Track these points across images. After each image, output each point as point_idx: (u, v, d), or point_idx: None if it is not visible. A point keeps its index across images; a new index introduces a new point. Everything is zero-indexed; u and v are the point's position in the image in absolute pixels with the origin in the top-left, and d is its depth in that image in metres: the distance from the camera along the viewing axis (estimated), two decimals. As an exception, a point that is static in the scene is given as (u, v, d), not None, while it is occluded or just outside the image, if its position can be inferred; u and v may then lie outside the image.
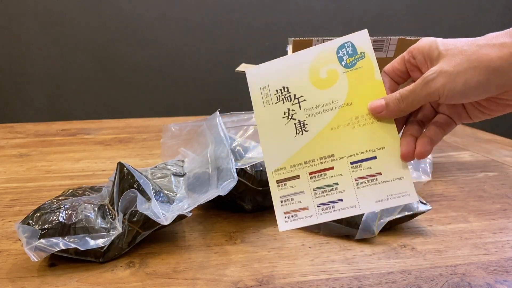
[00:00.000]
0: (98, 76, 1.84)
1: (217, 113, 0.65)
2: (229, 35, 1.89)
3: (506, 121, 2.15)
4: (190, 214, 0.52)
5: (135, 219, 0.51)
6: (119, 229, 0.51)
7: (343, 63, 0.47)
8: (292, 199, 0.46)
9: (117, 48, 1.82)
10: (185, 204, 0.56)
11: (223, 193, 0.53)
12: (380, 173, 0.44)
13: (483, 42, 0.41)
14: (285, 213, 0.46)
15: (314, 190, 0.45)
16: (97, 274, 0.48)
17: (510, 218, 0.63)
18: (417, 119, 0.47)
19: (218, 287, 0.46)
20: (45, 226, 0.49)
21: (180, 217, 0.52)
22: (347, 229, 0.57)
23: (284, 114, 0.48)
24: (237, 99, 1.89)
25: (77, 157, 0.91)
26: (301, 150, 0.47)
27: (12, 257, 0.52)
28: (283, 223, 0.46)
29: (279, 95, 0.48)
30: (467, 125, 1.23)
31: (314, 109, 0.47)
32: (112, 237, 0.50)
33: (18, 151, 0.96)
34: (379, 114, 0.45)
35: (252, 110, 0.52)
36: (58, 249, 0.48)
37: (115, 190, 0.53)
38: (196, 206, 0.54)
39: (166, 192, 0.58)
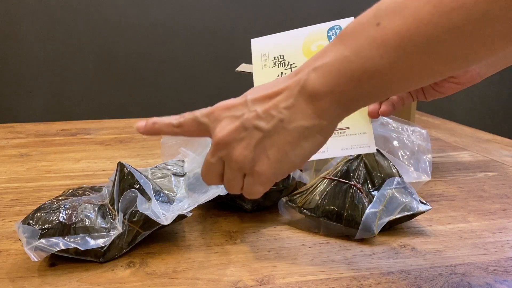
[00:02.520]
0: (98, 76, 1.84)
1: (217, 113, 0.65)
2: (229, 35, 1.89)
3: (506, 121, 2.15)
4: (190, 214, 0.52)
5: (135, 219, 0.51)
6: (119, 229, 0.51)
7: (331, 41, 0.56)
8: None
9: (117, 48, 1.83)
10: (185, 204, 0.56)
11: (223, 193, 0.53)
12: (348, 128, 0.53)
13: None
14: None
15: None
16: (97, 274, 0.48)
17: (510, 218, 0.63)
18: None
19: (218, 287, 0.46)
20: (45, 226, 0.49)
21: (180, 217, 0.52)
22: (347, 229, 0.57)
23: (277, 76, 0.58)
24: (237, 99, 1.89)
25: (77, 157, 0.91)
26: None
27: (12, 257, 0.52)
28: None
29: (275, 61, 0.58)
30: (467, 125, 1.23)
31: None
32: (112, 237, 0.50)
33: (18, 151, 0.96)
34: None
35: None
36: (58, 249, 0.48)
37: (115, 190, 0.53)
38: (196, 206, 0.54)
39: (166, 192, 0.58)
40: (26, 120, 1.36)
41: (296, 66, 0.57)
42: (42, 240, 0.48)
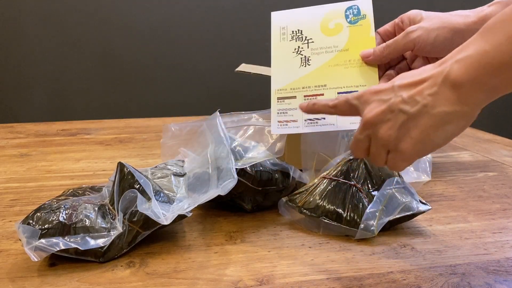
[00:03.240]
0: (98, 76, 1.84)
1: (217, 113, 0.65)
2: (229, 35, 1.89)
3: (506, 121, 2.15)
4: (190, 214, 0.52)
5: (135, 219, 0.51)
6: (119, 229, 0.51)
7: (348, 20, 0.61)
8: (286, 112, 0.59)
9: (117, 48, 1.82)
10: (185, 204, 0.56)
11: (223, 193, 0.53)
12: None
13: (454, 13, 0.57)
14: (279, 121, 0.60)
15: None
16: (97, 274, 0.48)
17: (510, 218, 0.63)
18: (394, 71, 0.61)
19: (218, 287, 0.46)
20: (45, 226, 0.49)
21: (180, 217, 0.52)
22: (347, 229, 0.57)
23: (294, 49, 0.62)
24: (237, 99, 1.88)
25: (77, 157, 0.91)
26: (302, 78, 0.60)
27: (12, 257, 0.52)
28: (276, 128, 0.60)
29: (293, 35, 0.62)
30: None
31: (319, 49, 0.60)
32: (112, 237, 0.50)
33: (18, 151, 0.96)
34: (367, 59, 0.58)
35: (252, 110, 0.65)
36: (58, 249, 0.48)
37: (115, 190, 0.53)
38: (196, 206, 0.54)
39: (166, 192, 0.58)
40: (26, 120, 1.36)
41: (313, 42, 0.60)
42: (42, 240, 0.48)
